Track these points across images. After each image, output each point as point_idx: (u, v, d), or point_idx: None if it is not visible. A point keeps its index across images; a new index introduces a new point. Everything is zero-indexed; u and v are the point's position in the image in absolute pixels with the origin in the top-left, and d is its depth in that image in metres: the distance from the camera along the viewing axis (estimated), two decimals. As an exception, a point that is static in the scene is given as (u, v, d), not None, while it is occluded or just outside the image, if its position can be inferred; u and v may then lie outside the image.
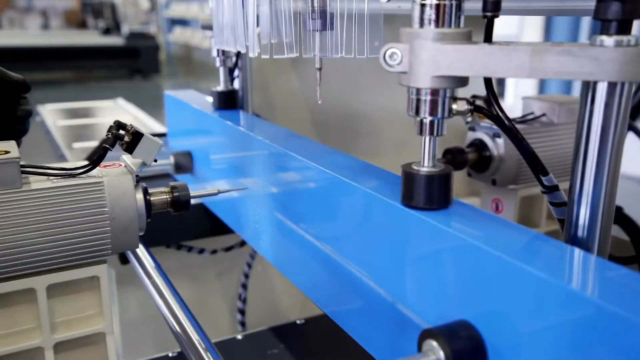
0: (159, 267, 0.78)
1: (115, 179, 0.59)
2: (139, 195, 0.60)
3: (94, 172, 0.59)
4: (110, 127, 0.59)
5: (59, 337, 0.59)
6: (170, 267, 0.82)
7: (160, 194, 0.65)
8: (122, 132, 0.60)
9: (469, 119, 0.90)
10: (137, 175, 0.61)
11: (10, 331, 0.58)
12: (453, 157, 0.88)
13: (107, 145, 0.59)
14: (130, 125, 0.60)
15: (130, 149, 0.60)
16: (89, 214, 0.57)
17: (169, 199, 0.65)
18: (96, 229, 0.58)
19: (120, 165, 0.62)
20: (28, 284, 0.57)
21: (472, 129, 0.90)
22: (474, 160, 0.89)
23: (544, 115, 0.91)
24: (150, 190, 0.63)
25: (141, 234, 0.61)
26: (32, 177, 0.57)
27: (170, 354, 0.88)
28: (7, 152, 0.55)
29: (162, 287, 0.74)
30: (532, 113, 0.92)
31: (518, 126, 0.87)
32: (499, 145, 0.87)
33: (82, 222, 0.57)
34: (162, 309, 0.72)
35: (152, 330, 0.86)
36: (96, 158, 0.59)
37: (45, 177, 0.57)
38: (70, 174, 0.58)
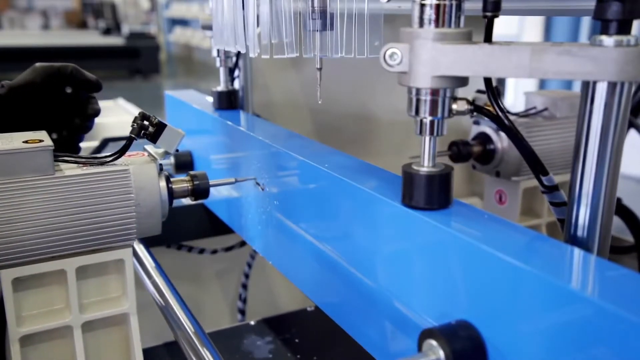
0: (159, 267, 0.78)
1: (140, 167, 0.62)
2: (162, 183, 0.63)
3: (121, 160, 0.62)
4: (135, 118, 0.62)
5: (86, 317, 0.62)
6: (170, 267, 0.82)
7: (181, 182, 0.68)
8: (146, 122, 0.62)
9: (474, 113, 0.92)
10: (159, 164, 0.64)
11: (43, 310, 0.61)
12: (458, 150, 0.90)
13: (133, 135, 0.62)
14: (154, 116, 0.63)
15: (154, 138, 0.63)
16: (116, 200, 0.60)
17: (189, 187, 0.68)
18: (122, 214, 0.61)
19: (144, 154, 0.65)
20: (59, 265, 0.60)
21: (477, 122, 0.93)
22: (479, 152, 0.91)
23: (546, 109, 0.93)
24: (172, 179, 0.66)
25: (164, 219, 0.64)
26: (63, 165, 0.60)
27: (164, 342, 0.89)
28: (41, 140, 0.58)
29: (162, 287, 0.74)
30: (534, 108, 0.93)
31: (521, 119, 0.90)
32: (502, 139, 0.89)
33: (110, 207, 0.60)
34: (162, 308, 0.72)
35: (153, 329, 0.87)
36: (123, 147, 0.61)
37: (75, 165, 0.60)
38: (99, 161, 0.61)
